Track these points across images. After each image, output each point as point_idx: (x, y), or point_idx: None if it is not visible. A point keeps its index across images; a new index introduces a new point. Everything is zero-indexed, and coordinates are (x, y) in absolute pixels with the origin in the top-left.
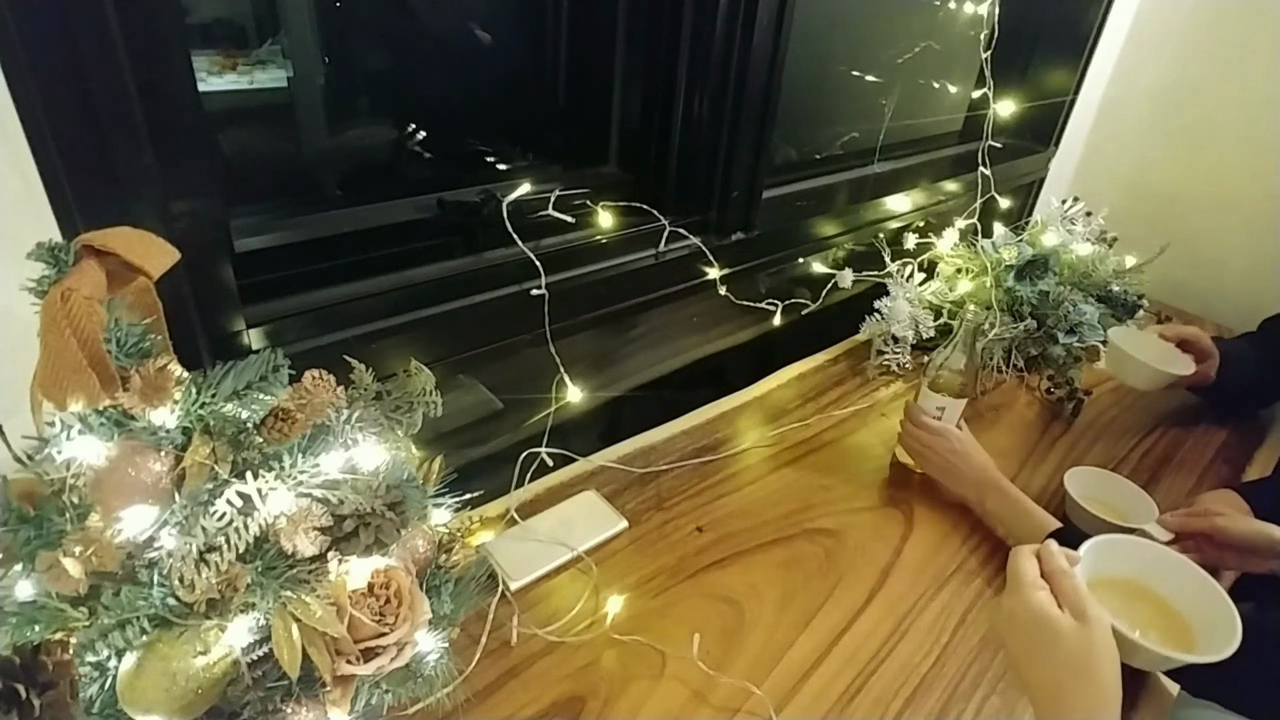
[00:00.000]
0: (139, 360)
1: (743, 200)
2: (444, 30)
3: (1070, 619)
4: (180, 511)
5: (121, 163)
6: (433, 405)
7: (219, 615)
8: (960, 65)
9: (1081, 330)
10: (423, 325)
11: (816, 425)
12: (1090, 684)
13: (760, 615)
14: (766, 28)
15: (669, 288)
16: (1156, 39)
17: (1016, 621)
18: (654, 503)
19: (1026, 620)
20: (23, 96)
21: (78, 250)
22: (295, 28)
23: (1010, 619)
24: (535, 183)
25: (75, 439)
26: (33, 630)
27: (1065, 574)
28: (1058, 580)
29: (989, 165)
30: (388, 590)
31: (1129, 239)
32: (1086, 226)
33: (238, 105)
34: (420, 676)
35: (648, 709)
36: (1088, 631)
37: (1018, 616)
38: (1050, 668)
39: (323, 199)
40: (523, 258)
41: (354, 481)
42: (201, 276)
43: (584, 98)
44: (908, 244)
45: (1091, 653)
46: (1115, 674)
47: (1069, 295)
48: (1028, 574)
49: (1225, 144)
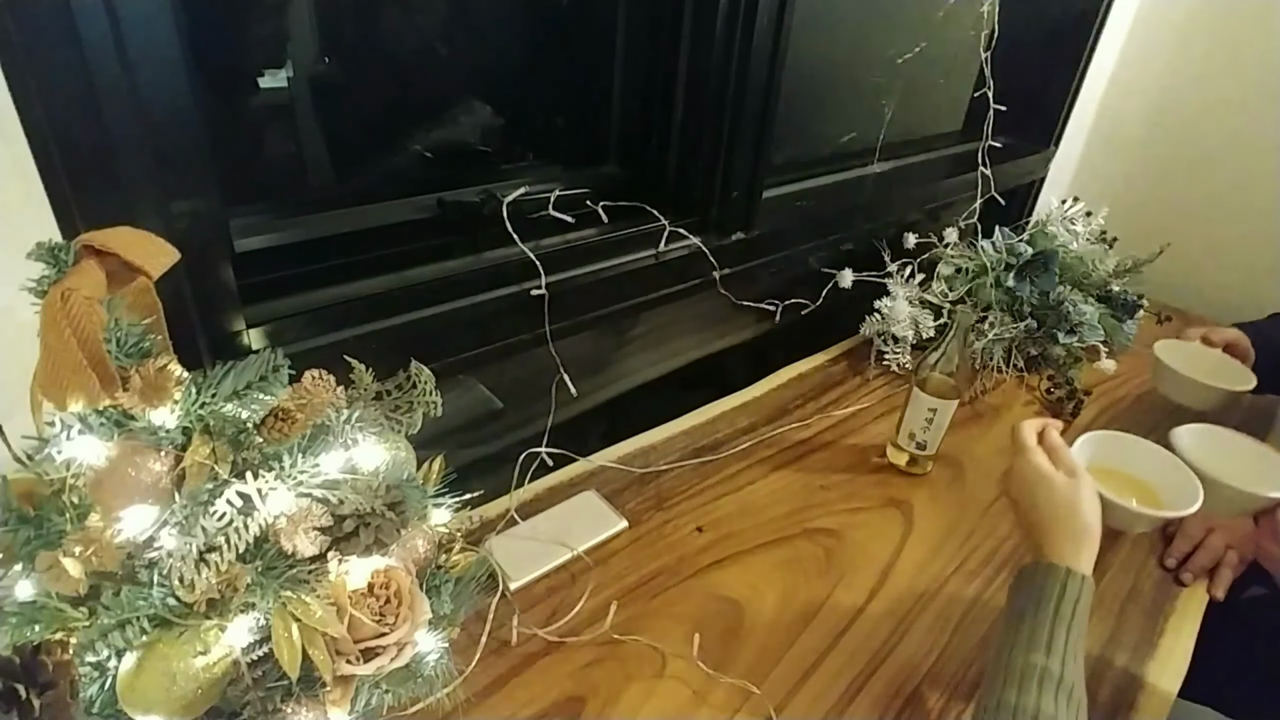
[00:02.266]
0: (139, 360)
1: (743, 200)
2: (444, 30)
3: (1063, 475)
4: (180, 511)
5: (122, 163)
6: (433, 405)
7: (219, 615)
8: (960, 65)
9: (1081, 330)
10: (423, 325)
11: (816, 425)
12: (1078, 519)
13: (760, 615)
14: (766, 28)
15: (669, 288)
16: (1156, 39)
17: (1021, 477)
18: (654, 503)
19: (1029, 475)
20: (23, 97)
21: (78, 250)
22: (295, 28)
23: (1017, 475)
24: (535, 183)
25: (75, 439)
26: (33, 630)
27: (1061, 445)
28: (1055, 449)
29: (989, 165)
30: (388, 590)
31: (1129, 239)
32: (1086, 226)
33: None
34: (420, 676)
35: (648, 709)
36: (1076, 483)
37: (1022, 472)
38: (1046, 507)
39: (323, 199)
40: (523, 258)
41: (354, 481)
42: (201, 276)
43: (584, 97)
44: (908, 244)
45: (1078, 497)
46: (1097, 516)
47: (1069, 295)
48: (1030, 440)
49: (1225, 144)
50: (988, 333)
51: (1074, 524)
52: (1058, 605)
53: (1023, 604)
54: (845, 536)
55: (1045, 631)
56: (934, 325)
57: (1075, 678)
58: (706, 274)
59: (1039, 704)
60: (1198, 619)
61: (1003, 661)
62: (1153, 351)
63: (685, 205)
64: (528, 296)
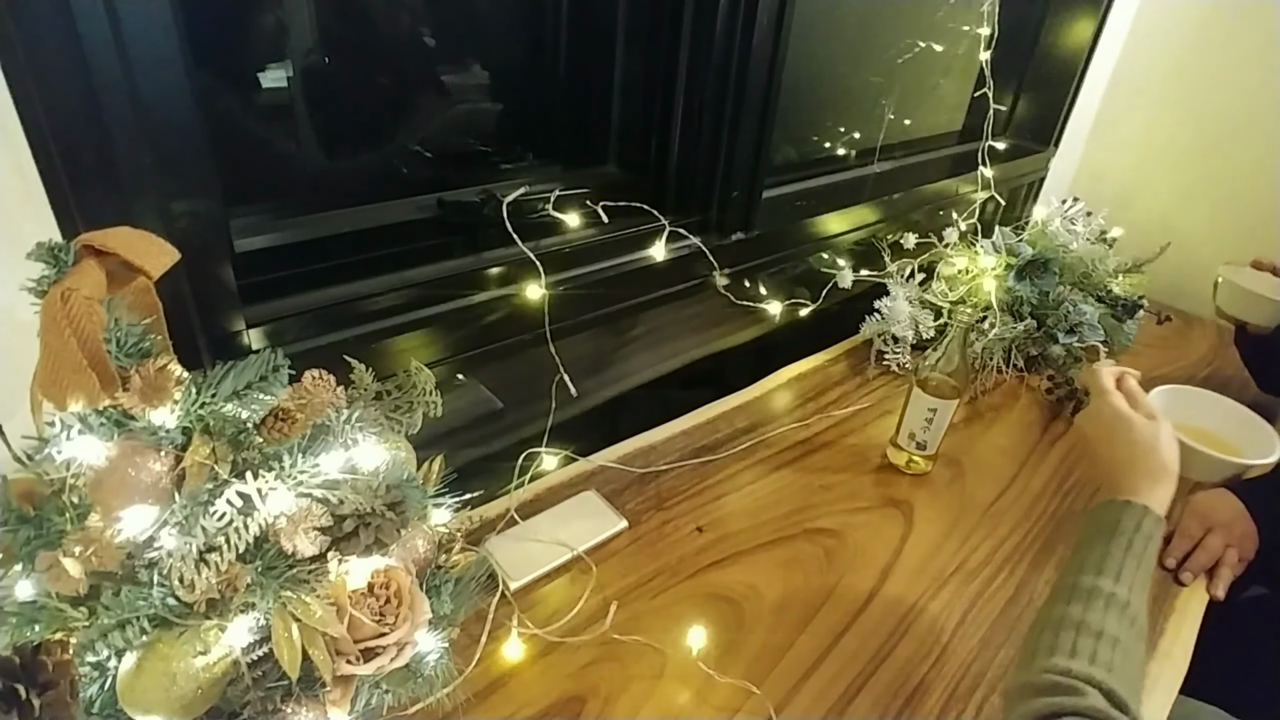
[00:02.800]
0: (139, 360)
1: (743, 200)
2: (444, 30)
3: (1142, 417)
4: (180, 511)
5: (121, 163)
6: (433, 405)
7: (219, 615)
8: (960, 65)
9: (1081, 330)
10: (423, 325)
11: (816, 425)
12: (1156, 458)
13: (760, 615)
14: (766, 28)
15: (669, 288)
16: (1156, 39)
17: (1100, 417)
18: (654, 503)
19: (1109, 415)
20: (23, 97)
21: (78, 250)
22: (295, 27)
23: (1095, 415)
24: (535, 183)
25: (75, 439)
26: (33, 630)
27: (1140, 391)
28: (1133, 394)
29: (989, 165)
30: (388, 590)
31: (1129, 239)
32: (1086, 226)
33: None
34: (420, 676)
35: (648, 709)
36: (1156, 426)
37: (1102, 412)
38: (1125, 446)
39: (323, 199)
40: (523, 258)
41: (354, 481)
42: (201, 276)
43: (584, 98)
44: (908, 244)
45: (1159, 438)
46: (1175, 459)
47: (1069, 295)
48: (1109, 383)
49: (1225, 143)
50: (988, 333)
51: (1152, 463)
52: (1131, 539)
53: (1094, 534)
54: (845, 536)
55: (1116, 562)
56: (934, 325)
57: (1140, 609)
58: (706, 274)
59: (1104, 622)
60: (1198, 619)
61: (1067, 582)
62: (1217, 273)
63: (685, 205)
64: (528, 296)
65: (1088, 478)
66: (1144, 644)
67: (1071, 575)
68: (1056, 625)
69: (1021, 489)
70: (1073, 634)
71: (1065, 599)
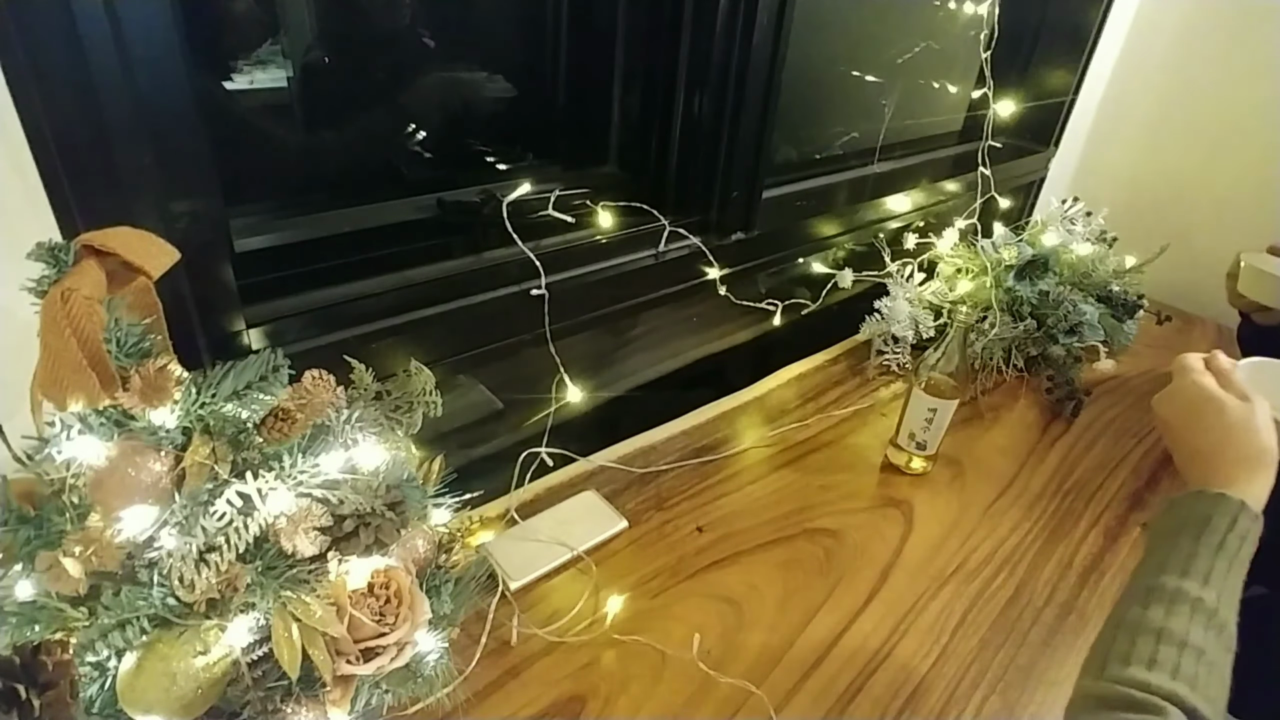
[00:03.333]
0: (139, 360)
1: (743, 200)
2: (444, 30)
3: (1234, 398)
4: (180, 511)
5: (121, 163)
6: (433, 405)
7: (219, 615)
8: (960, 65)
9: (1081, 330)
10: (423, 325)
11: (816, 425)
12: (1254, 442)
13: (760, 615)
14: (766, 28)
15: (669, 288)
16: (1156, 39)
17: (1183, 398)
18: (654, 503)
19: (1194, 396)
20: (23, 97)
21: (78, 250)
22: (295, 28)
23: (1176, 395)
24: (535, 183)
25: (75, 439)
26: (33, 630)
27: (1231, 370)
28: (1223, 373)
29: (989, 165)
30: (388, 590)
31: (1129, 239)
32: (1086, 226)
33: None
34: (420, 676)
35: (648, 709)
36: (1251, 406)
37: (1186, 393)
38: (1215, 431)
39: (323, 199)
40: (523, 258)
41: (354, 481)
42: (201, 276)
43: (584, 98)
44: (908, 244)
45: (1255, 418)
46: (1275, 442)
47: (1069, 295)
48: (1196, 364)
49: (1225, 143)
50: (988, 333)
51: (1249, 448)
52: (1224, 539)
53: (1179, 530)
54: (845, 536)
55: (1205, 562)
56: (934, 325)
57: (1229, 619)
58: (706, 274)
59: (1188, 631)
60: None
61: (1147, 583)
62: (1238, 258)
63: (685, 205)
64: (528, 296)
65: (1090, 477)
66: (1230, 658)
67: (1151, 575)
68: (1133, 629)
69: (1021, 489)
70: (1152, 641)
71: (1143, 601)
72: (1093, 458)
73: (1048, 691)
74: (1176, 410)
